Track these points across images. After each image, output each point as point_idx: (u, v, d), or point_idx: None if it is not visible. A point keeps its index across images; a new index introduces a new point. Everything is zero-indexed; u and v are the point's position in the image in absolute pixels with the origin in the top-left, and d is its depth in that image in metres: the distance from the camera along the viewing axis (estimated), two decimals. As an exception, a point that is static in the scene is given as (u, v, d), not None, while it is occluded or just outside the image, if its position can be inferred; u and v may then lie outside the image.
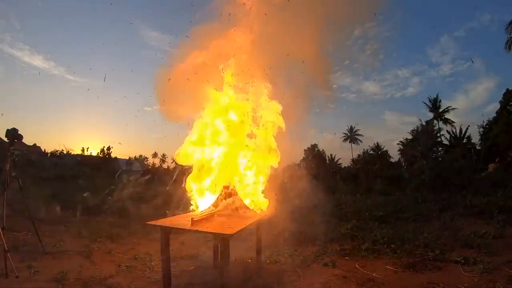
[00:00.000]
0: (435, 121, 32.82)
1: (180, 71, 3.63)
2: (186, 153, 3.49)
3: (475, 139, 27.70)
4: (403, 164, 31.49)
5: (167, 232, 2.64)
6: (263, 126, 3.64)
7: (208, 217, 2.81)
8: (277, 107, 3.65)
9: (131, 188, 8.45)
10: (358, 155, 39.13)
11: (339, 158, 41.66)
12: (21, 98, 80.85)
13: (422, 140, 28.62)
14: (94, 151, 31.98)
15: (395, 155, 35.56)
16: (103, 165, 22.97)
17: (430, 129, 30.52)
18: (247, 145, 3.56)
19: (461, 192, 9.70)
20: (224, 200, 3.24)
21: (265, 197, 3.60)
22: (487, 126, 25.56)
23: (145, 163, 51.02)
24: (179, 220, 2.76)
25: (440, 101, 33.07)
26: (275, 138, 3.69)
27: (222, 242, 2.39)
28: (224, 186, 3.37)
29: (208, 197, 3.45)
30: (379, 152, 36.79)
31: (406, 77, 67.67)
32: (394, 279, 3.36)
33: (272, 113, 3.66)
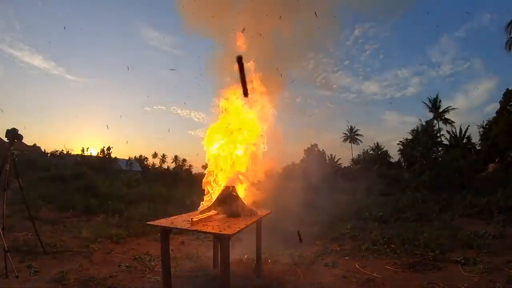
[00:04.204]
0: (435, 121, 32.77)
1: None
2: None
3: (475, 139, 27.69)
4: (403, 164, 31.48)
5: (167, 232, 2.64)
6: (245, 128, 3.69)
7: (208, 217, 2.80)
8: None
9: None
10: (358, 155, 39.14)
11: (339, 158, 41.61)
12: (21, 98, 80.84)
13: (422, 140, 28.60)
14: (94, 151, 32.04)
15: (395, 155, 35.50)
16: (103, 165, 22.98)
17: (430, 129, 30.48)
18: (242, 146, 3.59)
19: (461, 192, 9.70)
20: (224, 200, 3.23)
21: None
22: (487, 126, 25.54)
23: (145, 163, 51.05)
24: (179, 220, 2.75)
25: (440, 101, 33.00)
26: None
27: (222, 242, 2.38)
28: (224, 186, 3.36)
29: (209, 196, 3.46)
30: (379, 152, 36.74)
31: (406, 77, 67.49)
32: (394, 279, 3.36)
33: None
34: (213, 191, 3.48)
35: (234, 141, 3.59)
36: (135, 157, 50.24)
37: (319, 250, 4.54)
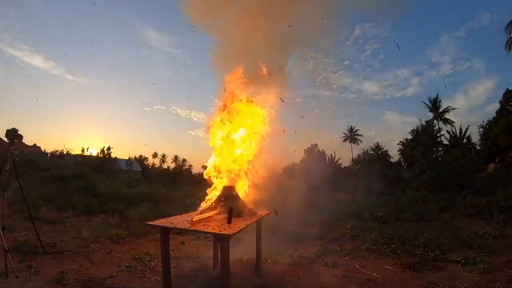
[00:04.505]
0: (435, 121, 32.74)
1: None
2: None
3: (475, 139, 27.68)
4: (403, 164, 31.46)
5: (167, 232, 2.64)
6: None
7: (208, 217, 2.80)
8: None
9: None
10: (358, 155, 39.11)
11: (339, 158, 41.57)
12: (21, 98, 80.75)
13: (422, 140, 28.58)
14: (94, 151, 32.02)
15: (395, 155, 35.49)
16: (103, 165, 22.97)
17: (430, 129, 30.46)
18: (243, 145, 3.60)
19: (461, 192, 9.70)
20: (224, 200, 3.23)
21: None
22: (487, 126, 25.53)
23: (145, 163, 51.00)
24: (179, 220, 2.75)
25: (440, 101, 32.95)
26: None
27: (222, 242, 2.39)
28: (224, 186, 3.36)
29: (210, 195, 3.46)
30: (379, 152, 36.73)
31: (406, 77, 67.40)
32: (394, 279, 3.36)
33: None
34: (216, 184, 3.49)
35: (237, 138, 3.60)
36: (135, 157, 50.18)
37: (319, 250, 4.54)
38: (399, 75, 67.22)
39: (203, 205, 3.35)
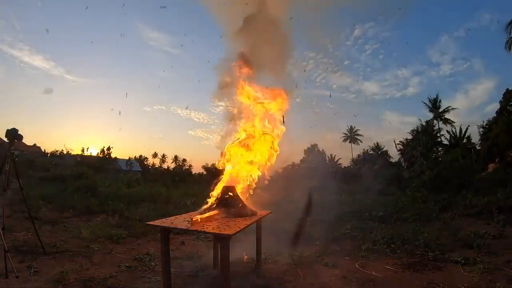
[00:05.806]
0: (435, 121, 32.78)
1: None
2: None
3: (475, 139, 27.72)
4: (403, 164, 31.48)
5: (167, 232, 2.64)
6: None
7: (208, 217, 2.81)
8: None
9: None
10: (358, 155, 39.14)
11: (339, 158, 41.55)
12: (21, 98, 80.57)
13: (422, 140, 28.59)
14: (94, 151, 32.03)
15: (395, 155, 35.53)
16: (103, 165, 22.99)
17: (430, 129, 30.48)
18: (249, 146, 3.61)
19: (461, 192, 9.70)
20: (224, 200, 3.23)
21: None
22: (487, 126, 25.54)
23: (145, 163, 50.96)
24: (179, 220, 2.75)
25: (440, 101, 33.01)
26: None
27: (222, 242, 2.39)
28: (224, 186, 3.37)
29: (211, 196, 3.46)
30: (379, 152, 36.76)
31: (406, 77, 67.18)
32: (394, 279, 3.36)
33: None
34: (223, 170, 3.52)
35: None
36: (135, 157, 50.13)
37: (319, 250, 4.54)
38: (399, 75, 66.98)
39: (206, 204, 3.35)
